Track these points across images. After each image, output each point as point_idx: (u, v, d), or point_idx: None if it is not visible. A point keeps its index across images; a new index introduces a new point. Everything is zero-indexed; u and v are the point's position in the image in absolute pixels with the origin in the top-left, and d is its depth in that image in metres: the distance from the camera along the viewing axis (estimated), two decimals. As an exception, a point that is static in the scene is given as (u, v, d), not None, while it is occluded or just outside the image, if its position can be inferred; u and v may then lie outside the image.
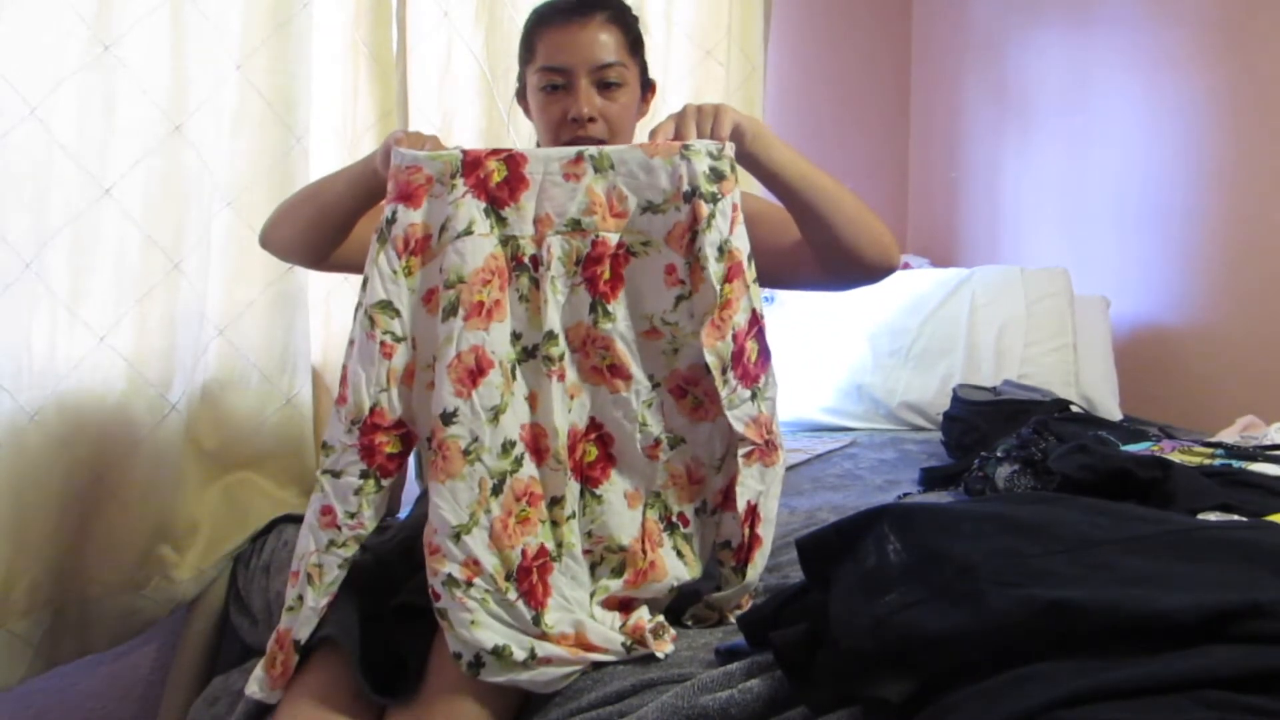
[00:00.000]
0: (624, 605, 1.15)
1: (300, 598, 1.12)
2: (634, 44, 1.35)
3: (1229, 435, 1.75)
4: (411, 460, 1.98)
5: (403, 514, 1.78)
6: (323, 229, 1.31)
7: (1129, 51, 2.53)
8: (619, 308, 1.13)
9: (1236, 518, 1.23)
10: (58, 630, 1.53)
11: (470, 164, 1.10)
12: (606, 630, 1.10)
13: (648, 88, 1.40)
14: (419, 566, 1.22)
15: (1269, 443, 1.62)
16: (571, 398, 1.14)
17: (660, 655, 1.09)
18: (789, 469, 2.00)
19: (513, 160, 1.11)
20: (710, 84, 2.30)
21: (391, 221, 1.10)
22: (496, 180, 1.11)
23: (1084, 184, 2.67)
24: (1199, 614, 0.73)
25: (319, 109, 1.79)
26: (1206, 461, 1.50)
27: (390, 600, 1.19)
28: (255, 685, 1.13)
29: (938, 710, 0.74)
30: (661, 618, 1.16)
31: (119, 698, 1.76)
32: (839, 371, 2.45)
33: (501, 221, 1.11)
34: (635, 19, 1.37)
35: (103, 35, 1.50)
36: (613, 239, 1.12)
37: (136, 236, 1.56)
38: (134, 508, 1.57)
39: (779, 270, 1.26)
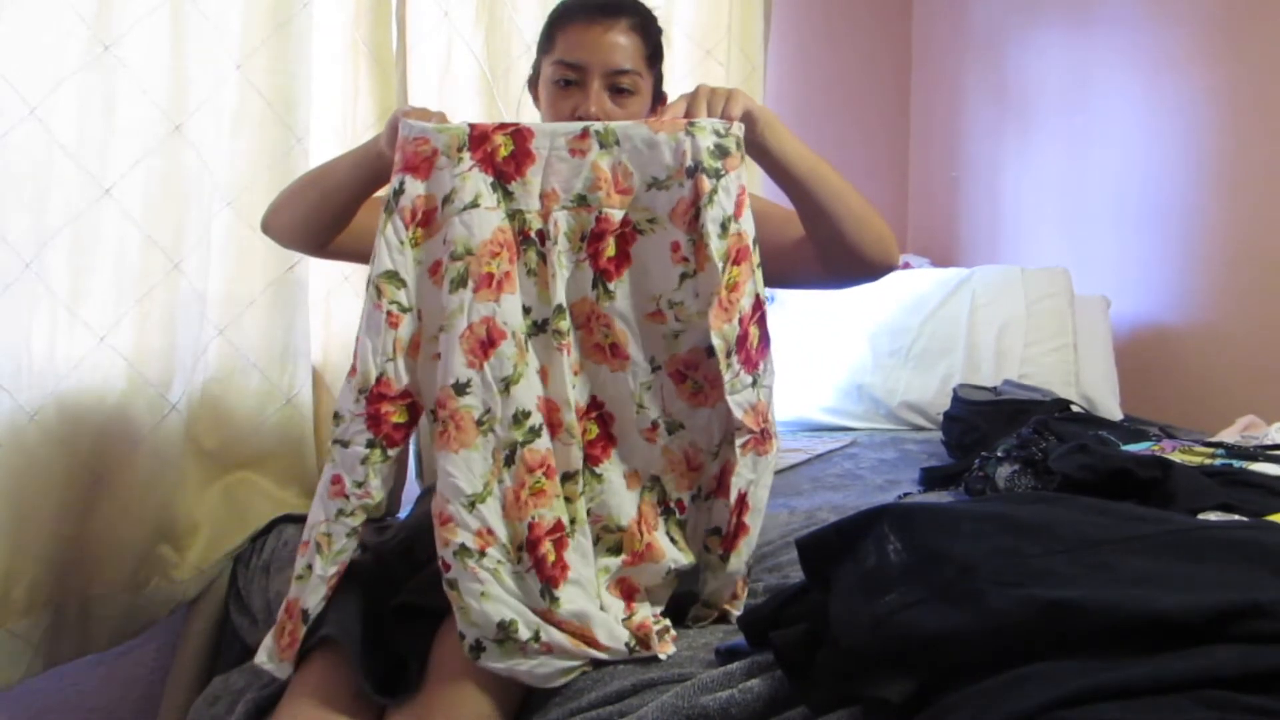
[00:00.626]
0: (629, 593, 1.15)
1: (309, 566, 1.12)
2: (653, 55, 1.35)
3: (1229, 435, 1.75)
4: (411, 460, 1.98)
5: (403, 514, 1.78)
6: (324, 213, 1.31)
7: (1129, 51, 2.53)
8: (621, 286, 1.13)
9: (1237, 517, 1.23)
10: (58, 630, 1.53)
11: (477, 138, 1.10)
12: (612, 624, 1.09)
13: (659, 99, 1.40)
14: (419, 566, 1.22)
15: (1269, 442, 1.62)
16: (574, 374, 1.14)
17: (662, 656, 1.09)
18: (789, 469, 2.00)
19: (519, 135, 1.11)
20: (710, 84, 2.30)
21: (400, 192, 1.10)
22: (503, 154, 1.11)
23: (1084, 184, 2.67)
24: (1199, 614, 0.73)
25: (319, 109, 1.78)
26: (1207, 461, 1.50)
27: (390, 600, 1.19)
28: (264, 655, 1.13)
29: (938, 710, 0.74)
30: (666, 620, 1.16)
31: (119, 698, 1.76)
32: (839, 371, 2.45)
33: (508, 196, 1.11)
34: (659, 30, 1.37)
35: (103, 35, 1.50)
36: (617, 215, 1.12)
37: (136, 236, 1.56)
38: (134, 508, 1.57)
39: (780, 268, 1.26)
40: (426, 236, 1.11)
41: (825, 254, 1.26)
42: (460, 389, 1.07)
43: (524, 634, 1.04)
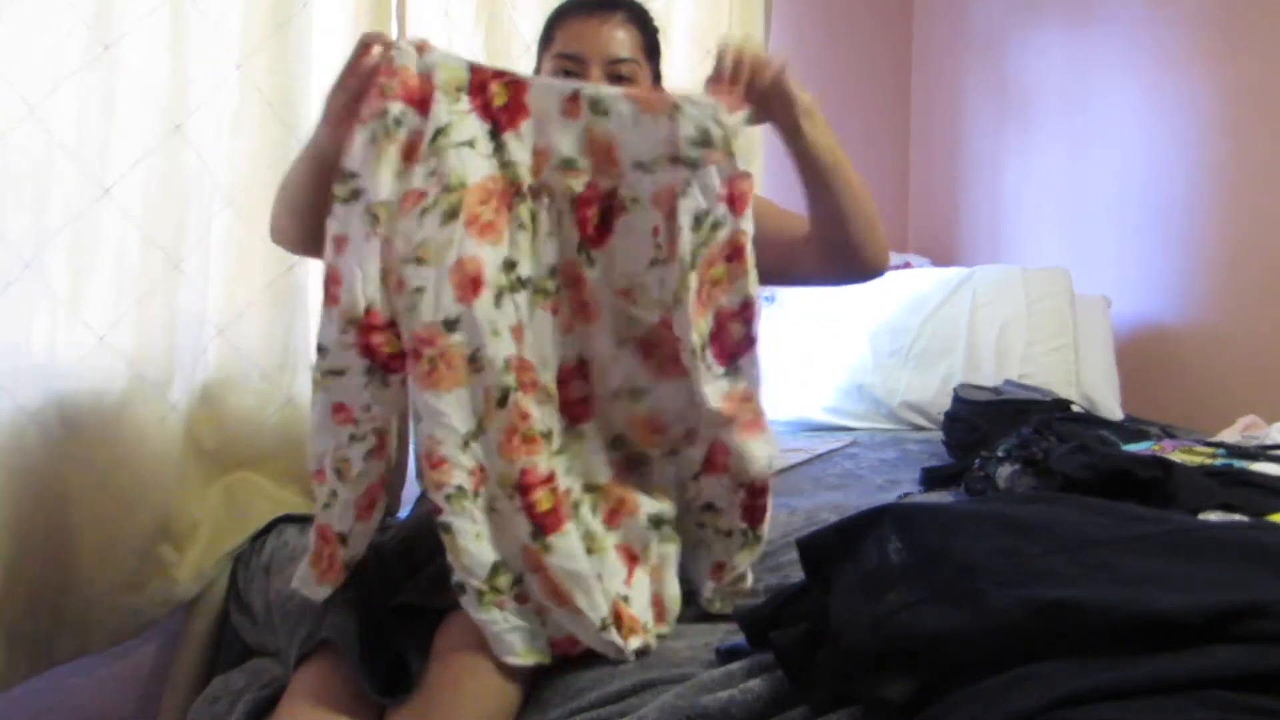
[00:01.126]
0: (630, 558, 1.14)
1: (333, 493, 1.11)
2: (650, 48, 1.36)
3: (1230, 435, 1.75)
4: (411, 460, 1.98)
5: (403, 514, 1.78)
6: (310, 217, 1.25)
7: (1129, 51, 2.53)
8: (601, 258, 1.12)
9: (1238, 517, 1.23)
10: (58, 630, 1.53)
11: (477, 85, 1.09)
12: (597, 595, 1.07)
13: None
14: (419, 566, 1.22)
15: (1270, 442, 1.62)
16: (566, 333, 1.13)
17: (624, 647, 1.07)
18: (790, 469, 2.00)
19: (516, 86, 1.10)
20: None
21: (400, 122, 1.06)
22: (499, 104, 1.09)
23: (1084, 183, 2.67)
24: (1200, 614, 0.73)
25: (319, 109, 1.78)
26: (1208, 461, 1.50)
27: (390, 600, 1.19)
28: (299, 582, 1.13)
29: (938, 710, 0.74)
30: (649, 619, 1.13)
31: (119, 698, 1.76)
32: (840, 371, 2.45)
33: (502, 147, 1.10)
34: (655, 28, 1.38)
35: (103, 35, 1.50)
36: (605, 185, 1.10)
37: (136, 236, 1.56)
38: (134, 508, 1.57)
39: (776, 266, 1.26)
40: (407, 168, 1.07)
41: (827, 250, 1.27)
42: (450, 325, 1.05)
43: (504, 583, 1.04)
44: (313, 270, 1.77)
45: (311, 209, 1.24)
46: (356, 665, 1.09)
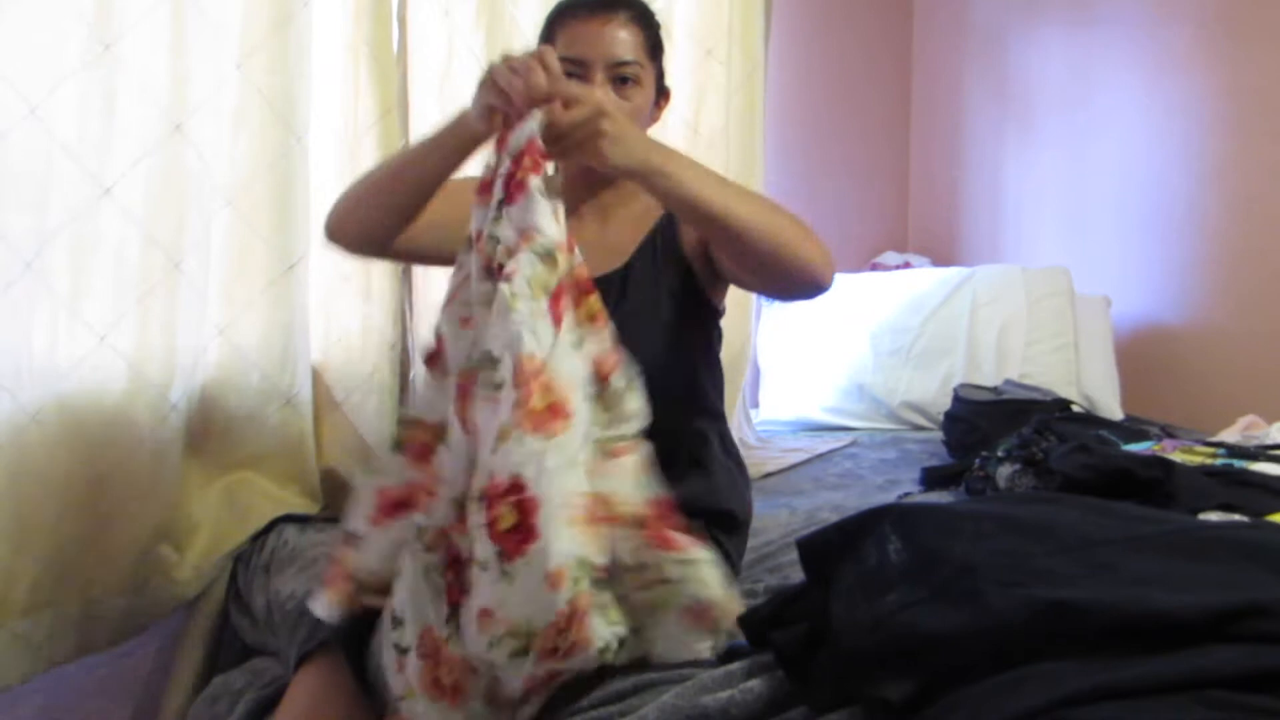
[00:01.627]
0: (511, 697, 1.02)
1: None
2: (654, 48, 1.35)
3: (1230, 435, 1.76)
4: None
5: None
6: (410, 206, 1.24)
7: (1130, 50, 2.53)
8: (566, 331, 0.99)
9: (1238, 517, 1.23)
10: (58, 630, 1.53)
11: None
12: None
13: (662, 94, 1.40)
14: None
15: (1270, 442, 1.63)
16: (500, 440, 0.93)
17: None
18: (790, 469, 2.00)
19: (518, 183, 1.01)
20: (710, 84, 2.30)
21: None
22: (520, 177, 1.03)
23: (1085, 183, 2.67)
24: (1200, 614, 0.73)
25: (319, 109, 1.78)
26: (1208, 461, 1.50)
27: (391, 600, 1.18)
28: (319, 607, 1.09)
29: (938, 710, 0.74)
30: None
31: (119, 698, 1.76)
32: (840, 371, 2.45)
33: (499, 219, 1.02)
34: (658, 25, 1.36)
35: (103, 35, 1.50)
36: (580, 269, 1.03)
37: (136, 236, 1.56)
38: (134, 508, 1.57)
39: (726, 275, 1.26)
40: (482, 200, 1.03)
41: (751, 274, 1.20)
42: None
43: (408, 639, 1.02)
44: (313, 270, 1.77)
45: (420, 192, 1.22)
46: (352, 670, 1.09)
